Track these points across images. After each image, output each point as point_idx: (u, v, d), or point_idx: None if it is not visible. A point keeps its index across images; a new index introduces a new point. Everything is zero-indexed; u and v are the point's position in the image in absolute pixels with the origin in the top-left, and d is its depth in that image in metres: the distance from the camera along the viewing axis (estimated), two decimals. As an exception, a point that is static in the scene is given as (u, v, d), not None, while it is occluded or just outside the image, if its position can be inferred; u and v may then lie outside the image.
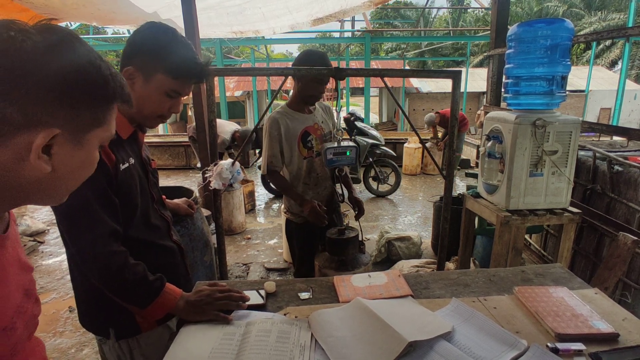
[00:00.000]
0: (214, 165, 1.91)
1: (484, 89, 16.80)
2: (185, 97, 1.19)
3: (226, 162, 1.93)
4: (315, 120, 2.07)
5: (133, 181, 1.10)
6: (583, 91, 16.17)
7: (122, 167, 1.06)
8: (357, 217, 2.17)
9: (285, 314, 1.11)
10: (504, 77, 2.22)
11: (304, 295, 1.22)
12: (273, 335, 0.98)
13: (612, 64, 21.71)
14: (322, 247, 1.99)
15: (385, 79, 2.01)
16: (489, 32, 3.46)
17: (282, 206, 2.30)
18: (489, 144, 2.12)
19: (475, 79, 17.74)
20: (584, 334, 0.98)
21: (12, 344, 0.61)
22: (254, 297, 1.18)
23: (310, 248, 2.13)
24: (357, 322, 1.03)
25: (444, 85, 18.37)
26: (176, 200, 1.67)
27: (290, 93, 3.88)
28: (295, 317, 1.09)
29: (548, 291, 1.19)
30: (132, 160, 1.11)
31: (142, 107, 1.09)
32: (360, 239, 1.93)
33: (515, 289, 1.20)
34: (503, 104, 3.38)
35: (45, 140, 0.52)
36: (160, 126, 15.75)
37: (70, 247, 1.01)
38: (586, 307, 1.10)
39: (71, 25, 8.50)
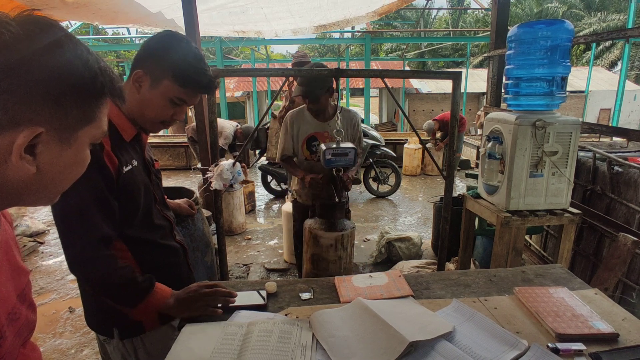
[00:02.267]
0: (215, 166, 1.92)
1: (484, 90, 16.79)
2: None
3: (227, 162, 1.93)
4: (326, 129, 2.23)
5: (136, 183, 1.10)
6: (583, 92, 16.19)
7: (125, 169, 1.06)
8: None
9: (286, 314, 1.12)
10: (504, 78, 2.23)
11: (305, 295, 1.22)
12: (274, 336, 0.98)
13: (611, 65, 21.72)
14: (311, 214, 2.15)
15: (385, 79, 2.01)
16: (489, 33, 3.46)
17: (289, 195, 2.58)
18: (489, 144, 2.12)
19: (475, 80, 17.74)
20: (584, 334, 0.99)
21: (1, 355, 0.57)
22: (255, 298, 1.19)
23: None
24: (358, 322, 1.03)
25: (444, 86, 18.37)
26: (177, 201, 1.67)
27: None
28: (297, 317, 1.09)
29: (548, 291, 1.19)
30: (135, 162, 1.12)
31: (145, 111, 1.09)
32: (347, 206, 2.11)
33: (515, 289, 1.21)
34: (503, 105, 3.39)
35: (27, 139, 0.48)
36: (161, 127, 15.69)
37: (64, 250, 1.01)
38: (586, 308, 1.10)
39: (71, 25, 8.52)
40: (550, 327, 1.02)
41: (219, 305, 1.11)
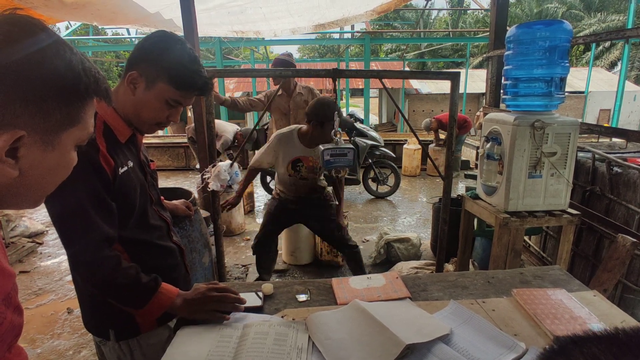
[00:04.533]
0: (212, 167, 1.91)
1: (484, 90, 16.80)
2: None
3: (224, 163, 1.93)
4: (312, 155, 2.42)
5: (132, 184, 1.10)
6: (583, 92, 16.19)
7: (121, 170, 1.06)
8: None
9: (282, 316, 1.11)
10: (502, 78, 2.22)
11: (302, 297, 1.22)
12: (270, 338, 0.97)
13: (611, 66, 21.72)
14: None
15: (385, 80, 2.01)
16: (489, 33, 3.46)
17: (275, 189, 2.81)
18: (488, 145, 2.12)
19: (475, 80, 17.74)
20: (582, 336, 0.98)
21: None
22: (252, 299, 1.18)
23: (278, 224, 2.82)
24: (354, 325, 1.02)
25: (444, 86, 18.37)
26: (174, 202, 1.66)
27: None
28: (293, 319, 1.09)
29: (546, 293, 1.19)
30: (130, 163, 1.11)
31: (140, 112, 1.09)
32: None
33: (513, 291, 1.20)
34: (502, 106, 3.38)
35: (7, 143, 0.48)
36: (160, 127, 15.69)
37: (66, 251, 1.01)
38: (584, 310, 1.09)
39: (71, 25, 8.52)
40: (548, 329, 1.02)
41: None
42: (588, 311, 1.09)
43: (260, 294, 1.21)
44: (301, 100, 3.73)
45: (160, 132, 13.92)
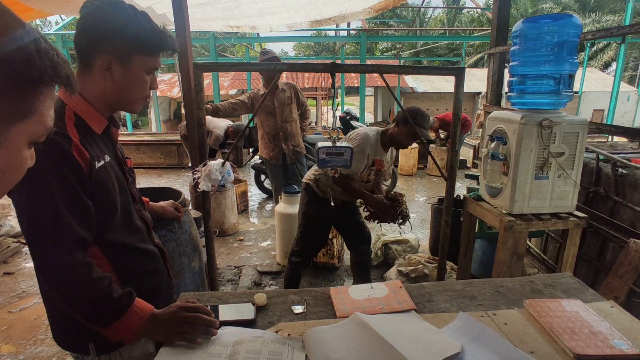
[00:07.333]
0: (203, 166, 1.80)
1: (480, 90, 16.82)
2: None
3: (215, 162, 1.82)
4: (384, 158, 2.39)
5: (110, 180, 1.00)
6: (576, 92, 16.24)
7: (98, 164, 0.96)
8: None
9: (277, 331, 1.01)
10: (508, 75, 2.13)
11: (298, 308, 1.12)
12: (263, 357, 0.88)
13: (605, 66, 21.85)
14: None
15: (383, 76, 1.91)
16: (485, 32, 3.39)
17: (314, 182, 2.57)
18: (493, 144, 2.03)
19: (471, 79, 17.73)
20: (605, 355, 0.90)
21: None
22: (243, 311, 1.08)
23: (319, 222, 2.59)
24: (356, 342, 0.93)
25: (439, 85, 18.36)
26: (161, 203, 1.55)
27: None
28: (288, 334, 0.99)
29: (561, 304, 1.10)
30: (107, 158, 1.02)
31: (127, 94, 1.03)
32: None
33: (525, 302, 1.12)
34: (504, 104, 3.31)
35: None
36: (153, 124, 15.52)
37: (33, 257, 0.90)
38: (604, 324, 1.01)
39: (62, 19, 8.34)
40: (567, 346, 0.93)
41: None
42: (608, 325, 1.00)
43: (253, 305, 1.11)
44: (285, 97, 3.59)
45: (153, 129, 13.73)
